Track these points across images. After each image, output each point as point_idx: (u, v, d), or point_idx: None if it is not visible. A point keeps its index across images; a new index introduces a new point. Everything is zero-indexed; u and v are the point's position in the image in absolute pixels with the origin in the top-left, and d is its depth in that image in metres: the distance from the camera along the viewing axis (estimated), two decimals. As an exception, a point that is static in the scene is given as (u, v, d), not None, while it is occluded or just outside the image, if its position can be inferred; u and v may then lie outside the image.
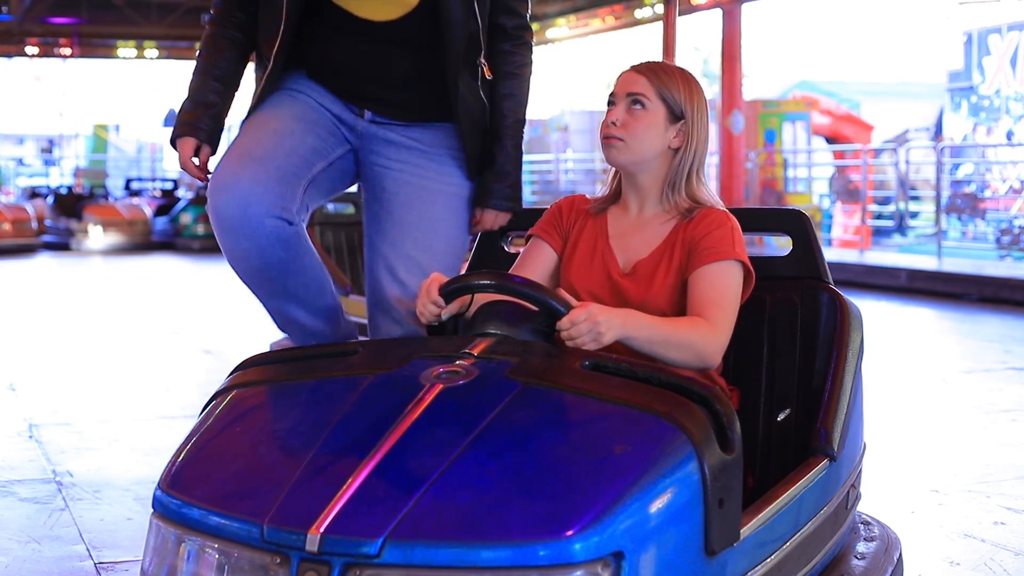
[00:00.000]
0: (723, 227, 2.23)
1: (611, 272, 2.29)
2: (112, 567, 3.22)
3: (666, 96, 2.25)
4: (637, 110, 2.25)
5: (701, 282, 2.19)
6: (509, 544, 1.49)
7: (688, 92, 2.27)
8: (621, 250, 2.31)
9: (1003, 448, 4.62)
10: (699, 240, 2.22)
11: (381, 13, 2.32)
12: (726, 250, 2.21)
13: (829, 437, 2.18)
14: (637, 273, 2.27)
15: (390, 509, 1.54)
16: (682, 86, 2.27)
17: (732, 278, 2.20)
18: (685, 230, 2.25)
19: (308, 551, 1.53)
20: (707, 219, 2.24)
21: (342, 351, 2.00)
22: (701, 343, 2.12)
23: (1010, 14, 15.52)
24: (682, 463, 1.63)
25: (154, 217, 17.60)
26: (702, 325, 2.14)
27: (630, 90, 2.26)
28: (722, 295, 2.18)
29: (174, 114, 16.06)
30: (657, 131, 2.25)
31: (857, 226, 13.95)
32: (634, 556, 1.54)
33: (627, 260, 2.30)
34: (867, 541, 2.45)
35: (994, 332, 8.11)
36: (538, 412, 1.74)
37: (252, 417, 1.87)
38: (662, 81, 2.25)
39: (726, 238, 2.22)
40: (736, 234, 2.24)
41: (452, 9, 2.33)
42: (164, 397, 5.72)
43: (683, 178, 2.27)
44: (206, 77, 2.47)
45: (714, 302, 2.17)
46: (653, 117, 2.25)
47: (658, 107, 2.25)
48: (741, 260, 2.22)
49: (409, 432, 1.68)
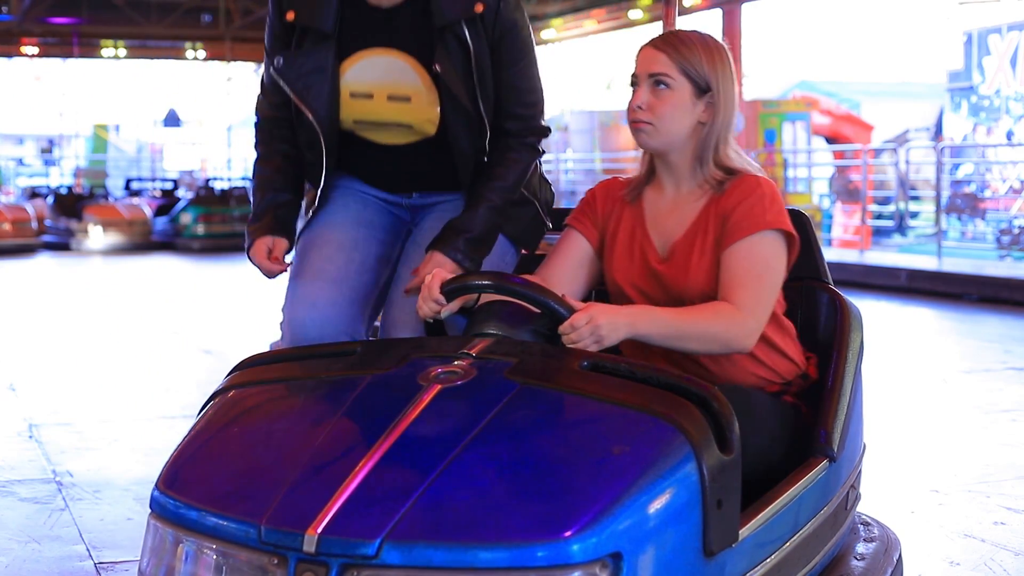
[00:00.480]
0: (753, 194, 2.12)
1: (649, 260, 2.20)
2: (112, 567, 3.22)
3: (689, 71, 2.14)
4: (662, 91, 2.15)
5: (730, 262, 2.10)
6: (507, 545, 1.49)
7: (711, 60, 2.15)
8: (658, 234, 2.22)
9: (1003, 448, 4.62)
10: (730, 213, 2.12)
11: (399, 140, 2.47)
12: (756, 221, 2.10)
13: (829, 438, 2.18)
14: (674, 257, 2.18)
15: (388, 510, 1.53)
16: (703, 55, 2.15)
17: (764, 250, 2.10)
18: (718, 203, 2.16)
19: (305, 552, 1.52)
20: (738, 188, 2.14)
21: (341, 351, 2.00)
22: (723, 330, 2.04)
23: (1010, 14, 15.52)
24: (680, 464, 1.63)
25: (154, 217, 17.60)
26: (725, 311, 2.05)
27: (652, 70, 2.15)
28: (752, 273, 2.08)
29: (174, 114, 16.04)
30: (685, 109, 2.15)
31: (857, 226, 13.95)
32: (632, 557, 1.54)
33: (664, 243, 2.21)
34: (867, 542, 2.45)
35: (994, 332, 8.11)
36: (536, 412, 1.74)
37: (250, 417, 1.87)
38: (683, 55, 2.14)
39: (756, 207, 2.11)
40: (768, 199, 2.12)
41: (459, 138, 2.45)
42: (164, 397, 5.72)
43: (710, 149, 2.17)
44: (264, 192, 2.56)
45: (742, 283, 2.07)
46: (679, 96, 2.15)
47: (683, 84, 2.15)
48: (775, 227, 2.11)
49: (407, 432, 1.67)
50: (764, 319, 2.10)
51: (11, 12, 18.87)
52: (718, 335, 2.05)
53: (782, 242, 2.15)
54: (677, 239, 2.19)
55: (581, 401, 1.75)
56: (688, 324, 2.03)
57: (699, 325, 2.04)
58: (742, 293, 2.07)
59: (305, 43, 2.41)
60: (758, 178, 2.16)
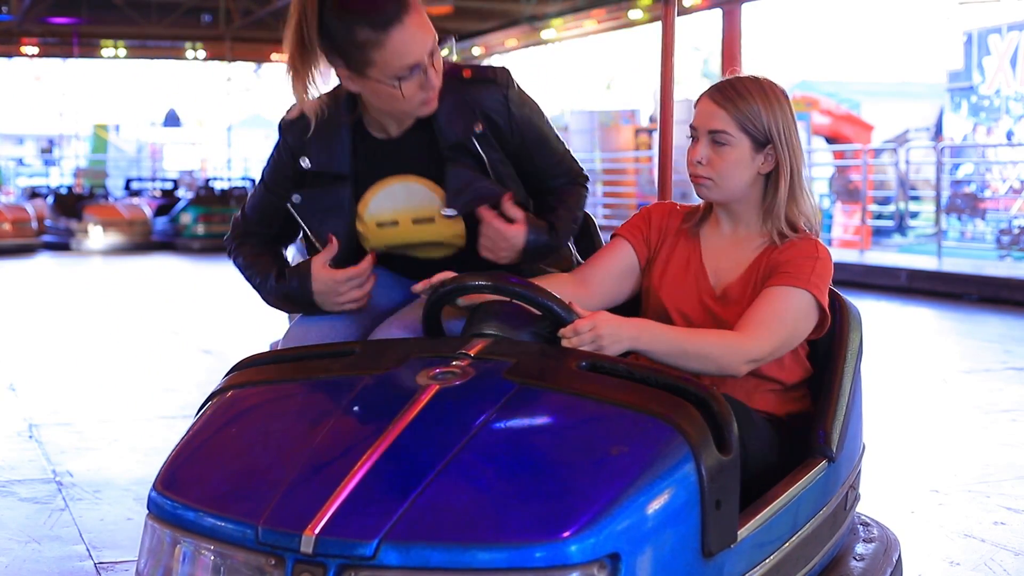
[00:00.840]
0: (806, 256, 2.18)
1: (703, 295, 2.26)
2: (112, 567, 3.22)
3: (747, 127, 2.18)
4: (721, 147, 2.19)
5: (759, 299, 2.15)
6: (505, 545, 1.49)
7: (770, 111, 2.19)
8: (713, 271, 2.27)
9: (1003, 448, 4.62)
10: (779, 265, 2.18)
11: (435, 255, 2.42)
12: (799, 277, 2.15)
13: (828, 438, 2.18)
14: (728, 297, 2.24)
15: (386, 510, 1.53)
16: (762, 107, 2.18)
17: (795, 303, 2.14)
18: (771, 255, 2.21)
19: (303, 552, 1.52)
20: (795, 247, 2.20)
21: (339, 351, 1.99)
22: (719, 354, 2.06)
23: (1010, 14, 15.51)
24: (679, 464, 1.63)
25: (154, 217, 17.60)
26: (729, 337, 2.09)
27: (711, 126, 2.19)
28: (774, 315, 2.12)
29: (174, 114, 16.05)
30: (744, 164, 2.20)
31: (857, 226, 13.95)
32: (630, 558, 1.54)
33: (718, 281, 2.26)
34: (866, 542, 2.45)
35: (994, 332, 8.11)
36: (534, 413, 1.74)
37: (248, 418, 1.87)
38: (741, 110, 2.17)
39: (805, 267, 2.16)
40: (819, 266, 2.17)
41: None
42: (164, 397, 5.72)
43: (782, 204, 2.22)
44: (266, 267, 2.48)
45: (762, 319, 2.11)
46: (739, 152, 2.19)
47: (741, 140, 2.18)
48: (812, 292, 2.16)
49: (405, 433, 1.67)
50: (764, 355, 2.12)
51: (11, 12, 18.87)
52: (715, 358, 2.07)
53: (814, 310, 2.18)
54: (732, 280, 2.24)
55: (579, 402, 1.74)
56: (690, 344, 2.06)
57: (701, 346, 2.06)
58: (756, 326, 2.10)
59: (321, 182, 2.38)
60: (816, 243, 2.22)
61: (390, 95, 2.18)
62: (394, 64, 2.12)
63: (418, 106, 2.23)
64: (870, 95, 24.47)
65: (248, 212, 2.53)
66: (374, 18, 2.10)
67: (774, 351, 2.14)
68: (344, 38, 2.12)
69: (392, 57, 2.12)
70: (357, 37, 2.11)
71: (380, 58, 2.12)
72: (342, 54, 2.15)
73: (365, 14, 2.10)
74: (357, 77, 2.18)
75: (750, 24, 22.70)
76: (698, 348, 2.05)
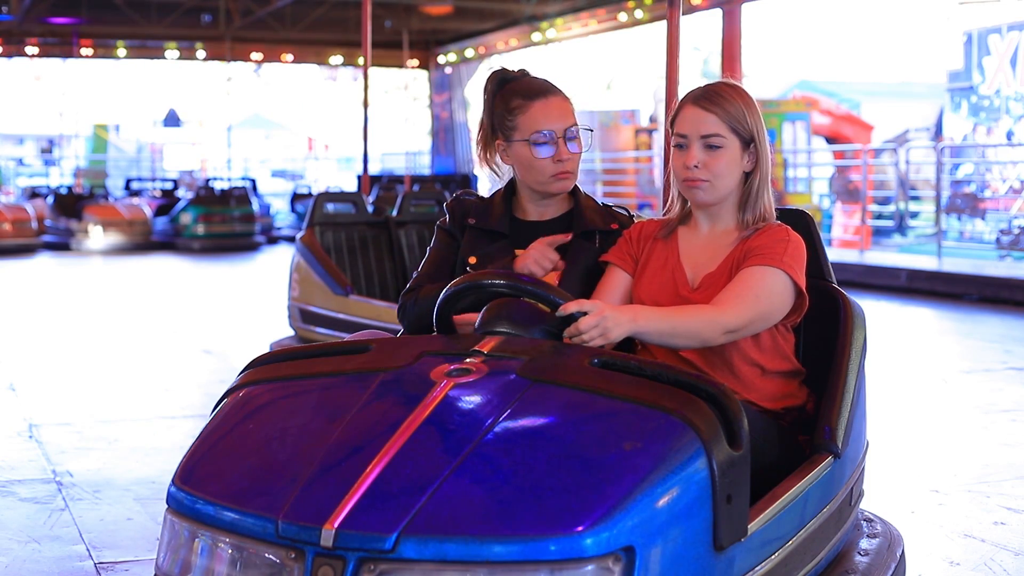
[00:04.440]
0: (780, 239, 2.29)
1: (679, 288, 2.34)
2: (112, 567, 3.22)
3: (736, 127, 2.29)
4: (715, 150, 2.29)
5: (735, 278, 2.25)
6: (521, 539, 1.51)
7: (750, 112, 2.31)
8: (690, 266, 2.37)
9: (1003, 448, 4.62)
10: (752, 249, 2.28)
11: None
12: (772, 257, 2.25)
13: (833, 434, 2.19)
14: (704, 286, 2.32)
15: (404, 505, 1.56)
16: (743, 106, 2.31)
17: (769, 280, 2.23)
18: (744, 244, 2.31)
19: (323, 546, 1.55)
20: (767, 232, 2.31)
21: (354, 348, 2.01)
22: (700, 327, 2.16)
23: (1010, 14, 15.51)
24: (691, 459, 1.65)
25: (154, 217, 17.58)
26: (707, 310, 2.18)
27: (703, 131, 2.29)
28: (749, 289, 2.21)
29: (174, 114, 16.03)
30: (735, 164, 2.32)
31: (857, 226, 13.95)
32: (644, 551, 1.56)
33: (695, 275, 2.36)
34: (870, 538, 2.46)
35: (994, 332, 8.12)
36: (548, 409, 1.76)
37: (265, 414, 1.89)
38: (729, 113, 2.29)
39: (777, 248, 2.26)
40: (790, 247, 2.28)
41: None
42: (164, 397, 5.72)
43: (757, 197, 2.33)
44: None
45: (735, 293, 2.21)
46: (731, 153, 2.30)
47: (732, 140, 2.30)
48: (786, 271, 2.24)
49: (421, 429, 1.70)
50: (739, 325, 2.20)
51: (11, 12, 18.85)
52: (697, 329, 2.16)
53: (790, 288, 2.27)
54: (709, 272, 2.34)
55: (592, 398, 1.77)
56: (678, 320, 2.15)
57: (686, 321, 2.16)
58: (733, 301, 2.20)
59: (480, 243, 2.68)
60: (788, 229, 2.33)
61: (527, 159, 2.56)
62: (531, 127, 2.55)
63: (550, 179, 2.56)
64: (870, 95, 24.50)
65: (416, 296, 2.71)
66: (526, 91, 2.59)
67: (750, 322, 2.22)
68: (503, 109, 2.60)
69: (531, 121, 2.55)
70: (511, 104, 2.59)
71: (522, 122, 2.56)
72: (500, 125, 2.61)
73: (521, 89, 2.60)
74: (508, 145, 2.60)
75: (750, 24, 22.74)
76: (684, 323, 2.15)
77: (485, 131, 2.66)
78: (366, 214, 6.53)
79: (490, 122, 2.63)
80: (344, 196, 6.95)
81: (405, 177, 17.38)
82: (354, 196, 6.69)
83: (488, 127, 2.64)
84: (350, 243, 6.38)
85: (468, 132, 23.70)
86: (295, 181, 30.16)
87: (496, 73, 2.66)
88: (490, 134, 2.64)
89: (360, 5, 7.76)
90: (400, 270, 6.45)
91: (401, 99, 36.33)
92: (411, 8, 18.84)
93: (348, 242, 6.37)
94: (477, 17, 19.95)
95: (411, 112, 34.64)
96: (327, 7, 18.97)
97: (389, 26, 19.87)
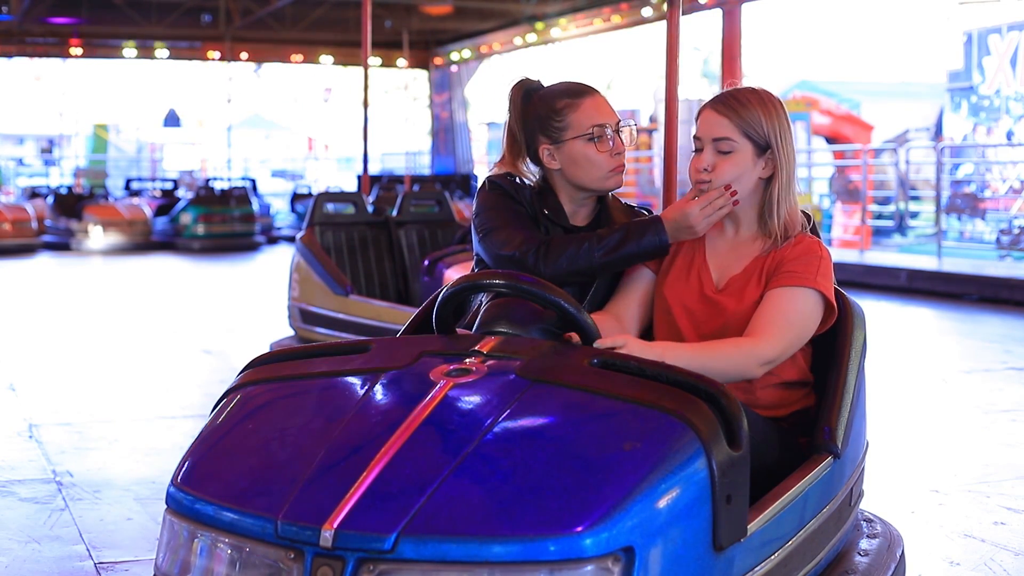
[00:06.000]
0: (812, 255, 2.28)
1: (705, 289, 2.35)
2: (112, 567, 3.22)
3: (750, 132, 2.29)
4: (726, 154, 2.29)
5: (768, 301, 2.24)
6: (520, 539, 1.51)
7: (769, 118, 2.30)
8: (716, 268, 2.37)
9: (1003, 448, 4.62)
10: (785, 263, 2.28)
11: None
12: (806, 277, 2.25)
13: (833, 435, 2.19)
14: (730, 288, 2.32)
15: (403, 505, 1.56)
16: (762, 114, 2.30)
17: (801, 303, 2.24)
18: (776, 252, 2.31)
19: (322, 546, 1.55)
20: (800, 245, 2.30)
21: (353, 349, 2.01)
22: (736, 362, 2.16)
23: (1010, 14, 15.51)
24: (691, 460, 1.65)
25: (154, 217, 17.57)
26: (744, 345, 2.18)
27: (715, 134, 2.30)
28: (782, 316, 2.21)
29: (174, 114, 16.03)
30: (747, 169, 2.31)
31: (857, 226, 13.95)
32: (644, 551, 1.56)
33: (720, 277, 2.36)
34: (870, 538, 2.46)
35: (994, 332, 8.12)
36: (547, 409, 1.76)
37: (264, 414, 1.89)
38: (743, 118, 2.28)
39: (811, 266, 2.26)
40: (823, 265, 2.27)
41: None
42: (164, 397, 5.72)
43: (776, 205, 2.32)
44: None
45: (771, 321, 2.21)
46: (742, 157, 2.30)
47: (744, 146, 2.29)
48: (819, 290, 2.25)
49: (421, 429, 1.70)
50: (776, 356, 2.21)
51: (11, 12, 18.84)
52: (733, 365, 2.16)
53: (820, 307, 2.28)
54: (735, 274, 2.34)
55: (591, 398, 1.77)
56: (708, 358, 2.14)
57: (718, 358, 2.15)
58: (768, 330, 2.20)
59: None
60: (821, 244, 2.33)
61: (585, 156, 2.52)
62: (587, 122, 2.52)
63: (608, 174, 2.54)
64: (870, 95, 24.49)
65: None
66: (570, 91, 2.57)
67: (785, 350, 2.22)
68: (546, 110, 2.56)
69: (585, 117, 2.53)
70: (556, 105, 2.55)
71: (575, 119, 2.53)
72: (543, 128, 2.56)
73: (563, 90, 2.58)
74: (556, 147, 2.55)
75: (750, 24, 22.73)
76: (716, 361, 2.14)
77: (514, 138, 2.62)
78: (366, 214, 6.53)
79: (523, 129, 2.59)
80: (344, 196, 6.96)
81: (405, 177, 17.39)
82: (354, 196, 6.69)
83: (522, 133, 2.60)
84: (350, 243, 6.38)
85: (468, 132, 23.71)
86: (295, 181, 30.16)
87: (521, 83, 2.63)
88: (526, 140, 2.59)
89: (360, 5, 7.76)
90: (400, 270, 6.46)
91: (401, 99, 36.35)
92: (411, 8, 18.84)
93: (348, 242, 6.37)
94: (477, 17, 19.95)
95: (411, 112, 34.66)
96: (327, 7, 18.97)
97: (389, 26, 19.88)
